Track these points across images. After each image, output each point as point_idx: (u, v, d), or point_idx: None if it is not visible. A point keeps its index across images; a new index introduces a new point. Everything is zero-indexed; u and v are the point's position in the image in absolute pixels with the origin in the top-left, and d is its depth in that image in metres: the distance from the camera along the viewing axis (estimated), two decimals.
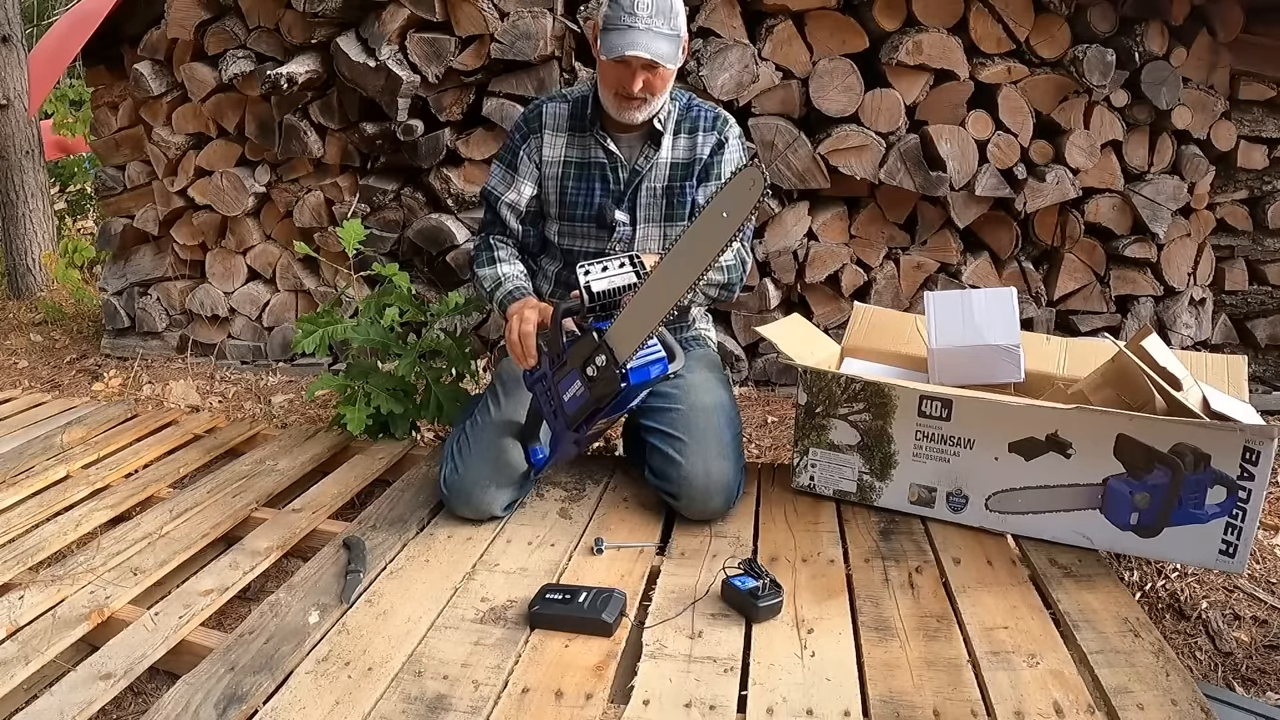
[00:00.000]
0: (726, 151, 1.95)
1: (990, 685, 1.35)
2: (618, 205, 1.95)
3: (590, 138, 1.94)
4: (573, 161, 1.96)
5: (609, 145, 1.93)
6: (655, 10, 1.74)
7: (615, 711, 1.32)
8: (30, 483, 2.20)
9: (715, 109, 1.99)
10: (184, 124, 3.40)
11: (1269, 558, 1.95)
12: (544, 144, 1.97)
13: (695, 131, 1.95)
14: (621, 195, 1.95)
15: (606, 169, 1.94)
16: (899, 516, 1.87)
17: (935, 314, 2.02)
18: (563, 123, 1.97)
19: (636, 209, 1.95)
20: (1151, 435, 1.61)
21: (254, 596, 1.80)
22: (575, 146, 1.96)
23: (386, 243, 3.23)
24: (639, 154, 1.94)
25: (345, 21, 3.02)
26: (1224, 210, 3.11)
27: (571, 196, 1.97)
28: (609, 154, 1.93)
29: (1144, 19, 2.77)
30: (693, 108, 1.97)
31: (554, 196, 1.99)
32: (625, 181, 1.94)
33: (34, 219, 4.81)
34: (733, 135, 1.97)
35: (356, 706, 1.32)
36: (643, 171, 1.94)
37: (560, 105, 1.98)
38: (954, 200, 2.91)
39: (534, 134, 1.98)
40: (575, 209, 1.97)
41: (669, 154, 1.94)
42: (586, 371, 1.64)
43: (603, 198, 1.95)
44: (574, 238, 1.99)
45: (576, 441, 1.78)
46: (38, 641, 1.53)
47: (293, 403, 3.10)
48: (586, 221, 1.97)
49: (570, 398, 1.69)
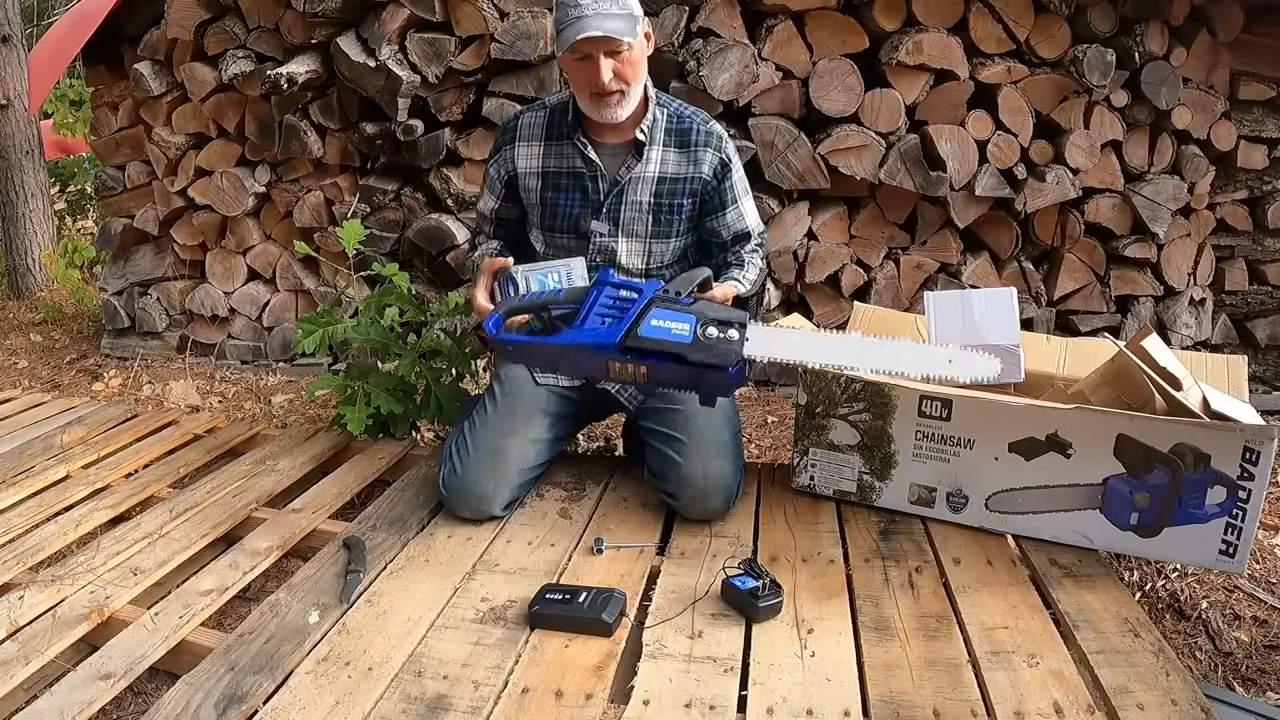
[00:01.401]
0: (733, 174, 1.93)
1: (990, 685, 1.35)
2: (596, 215, 1.90)
3: (570, 145, 1.89)
4: (550, 171, 1.92)
5: (589, 153, 1.87)
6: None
7: (615, 711, 1.32)
8: (30, 483, 2.20)
9: (708, 121, 1.92)
10: (184, 124, 3.41)
11: (1269, 558, 1.95)
12: (516, 155, 1.94)
13: (686, 146, 1.89)
14: (600, 205, 1.90)
15: (585, 178, 1.89)
16: (899, 516, 1.87)
17: (935, 314, 2.02)
18: (538, 131, 1.93)
19: (619, 221, 1.91)
20: (1151, 435, 1.61)
21: (254, 596, 1.79)
22: (553, 155, 1.92)
23: (386, 243, 3.23)
24: (621, 164, 1.88)
25: (345, 21, 3.02)
26: (1224, 210, 3.11)
27: (550, 207, 1.93)
28: (588, 162, 1.88)
29: (1144, 19, 2.78)
30: (683, 118, 1.90)
31: (534, 207, 1.96)
32: (605, 191, 1.89)
33: (34, 219, 4.82)
34: (732, 152, 1.94)
35: (356, 706, 1.32)
36: (623, 182, 1.88)
37: (538, 114, 1.95)
38: (954, 200, 2.91)
39: (506, 145, 1.96)
40: (555, 218, 1.94)
41: (656, 167, 1.89)
42: (708, 331, 1.54)
43: (582, 207, 1.91)
44: (555, 248, 1.96)
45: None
46: (38, 641, 1.53)
47: (293, 403, 3.10)
48: (565, 231, 1.94)
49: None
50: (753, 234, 1.98)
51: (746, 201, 1.97)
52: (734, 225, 1.95)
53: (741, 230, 1.96)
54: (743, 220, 1.96)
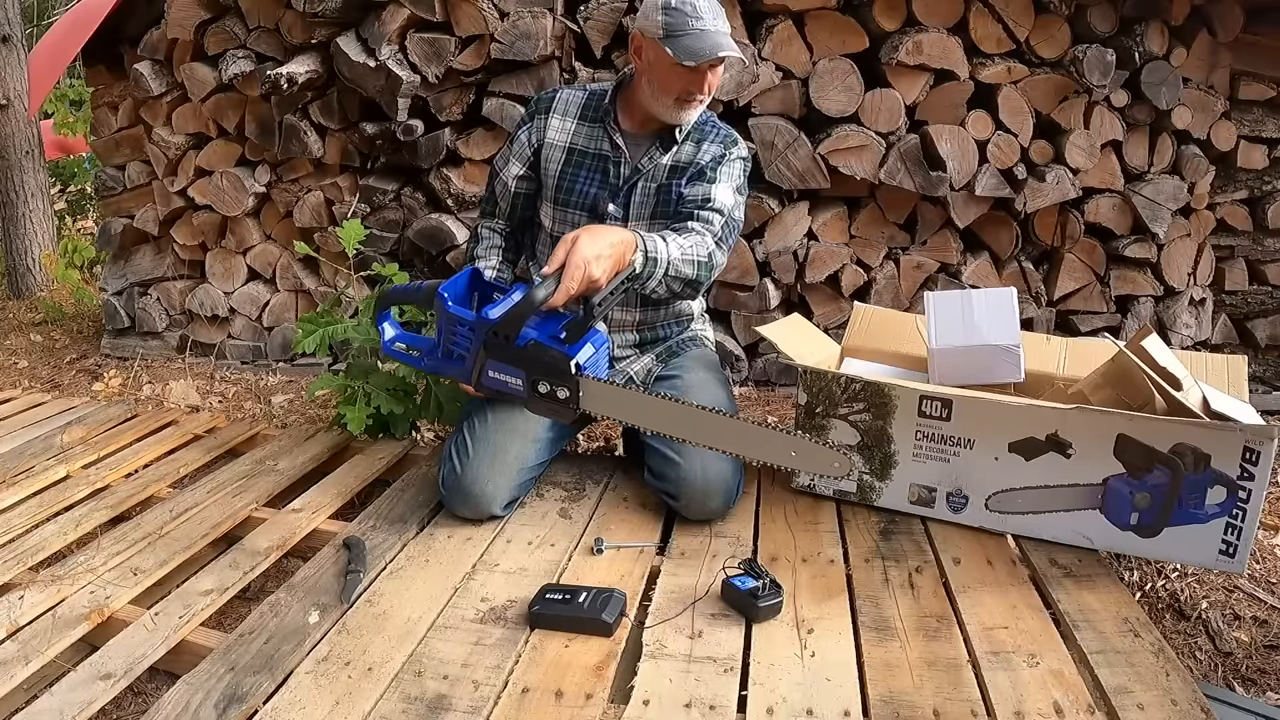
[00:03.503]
0: (727, 165, 1.94)
1: (990, 685, 1.35)
2: (613, 199, 1.96)
3: (601, 129, 1.96)
4: (577, 148, 1.98)
5: (618, 140, 1.95)
6: (715, 11, 1.78)
7: (615, 711, 1.32)
8: (30, 483, 2.20)
9: (731, 131, 2.01)
10: (184, 124, 3.40)
11: (1269, 558, 1.95)
12: (549, 126, 2.00)
13: (702, 141, 1.96)
14: (618, 190, 1.96)
15: (609, 162, 1.96)
16: (899, 516, 1.87)
17: (935, 314, 2.02)
18: (574, 109, 2.00)
19: (631, 204, 1.96)
20: (1151, 435, 1.61)
21: (254, 596, 1.79)
22: (583, 135, 1.99)
23: (386, 243, 3.23)
24: (644, 153, 1.95)
25: (345, 21, 3.02)
26: (1224, 210, 3.11)
27: (569, 183, 1.98)
28: (615, 148, 1.95)
29: (1144, 19, 2.77)
30: (710, 123, 1.99)
31: (552, 179, 2.00)
32: (625, 178, 1.96)
33: (34, 219, 4.81)
34: (737, 154, 1.97)
35: (356, 706, 1.32)
36: (644, 170, 1.95)
37: (577, 93, 2.02)
38: (954, 200, 2.91)
39: (540, 114, 2.02)
40: (570, 195, 1.99)
41: (672, 158, 1.95)
42: (539, 388, 1.61)
43: (599, 189, 1.96)
44: (565, 224, 2.00)
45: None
46: (38, 641, 1.53)
47: (293, 403, 3.10)
48: (579, 209, 1.98)
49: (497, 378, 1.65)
50: (714, 205, 1.88)
51: (726, 185, 1.92)
52: (701, 195, 1.90)
53: (704, 196, 1.89)
54: (710, 190, 1.90)
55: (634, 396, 1.61)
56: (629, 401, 1.61)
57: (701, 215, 1.87)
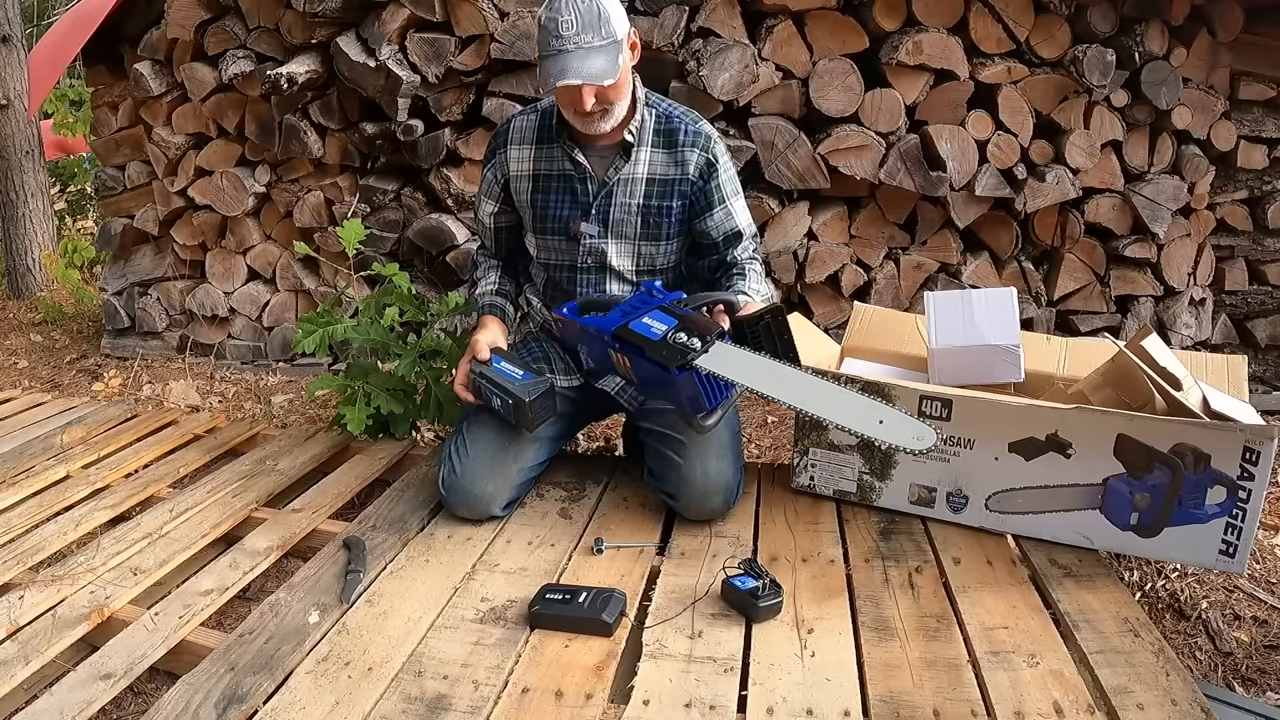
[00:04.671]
0: (720, 173, 1.90)
1: (990, 685, 1.35)
2: (585, 217, 1.90)
3: (559, 148, 1.89)
4: (540, 174, 1.93)
5: (576, 156, 1.87)
6: (582, 25, 1.65)
7: (615, 711, 1.32)
8: (30, 483, 2.20)
9: (697, 121, 1.91)
10: (184, 124, 3.41)
11: (1269, 558, 1.95)
12: (509, 159, 1.95)
13: (674, 146, 1.87)
14: (589, 207, 1.90)
15: (574, 180, 1.90)
16: (899, 516, 1.87)
17: (935, 314, 2.02)
18: (529, 135, 1.93)
19: (608, 222, 1.90)
20: (1151, 435, 1.61)
21: (254, 596, 1.79)
22: (543, 159, 1.92)
23: (386, 243, 3.24)
24: (609, 165, 1.88)
25: (345, 21, 3.02)
26: (1224, 210, 3.11)
27: (541, 209, 1.94)
28: (576, 164, 1.88)
29: (1144, 19, 2.78)
30: (672, 118, 1.89)
31: (526, 209, 1.96)
32: (594, 193, 1.89)
33: (34, 219, 4.82)
34: (720, 151, 1.91)
35: (356, 706, 1.32)
36: (611, 183, 1.88)
37: (529, 118, 1.95)
38: (954, 200, 2.91)
39: (499, 149, 1.96)
40: (546, 221, 1.94)
41: (645, 168, 1.88)
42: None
43: (571, 209, 1.91)
44: (548, 250, 1.97)
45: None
46: (38, 641, 1.53)
47: (293, 403, 3.11)
48: (557, 234, 1.94)
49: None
50: (744, 234, 1.94)
51: (736, 202, 1.94)
52: (723, 225, 1.92)
53: (731, 230, 1.93)
54: (732, 219, 1.92)
55: (751, 359, 1.59)
56: (745, 364, 1.58)
57: (739, 249, 1.94)
